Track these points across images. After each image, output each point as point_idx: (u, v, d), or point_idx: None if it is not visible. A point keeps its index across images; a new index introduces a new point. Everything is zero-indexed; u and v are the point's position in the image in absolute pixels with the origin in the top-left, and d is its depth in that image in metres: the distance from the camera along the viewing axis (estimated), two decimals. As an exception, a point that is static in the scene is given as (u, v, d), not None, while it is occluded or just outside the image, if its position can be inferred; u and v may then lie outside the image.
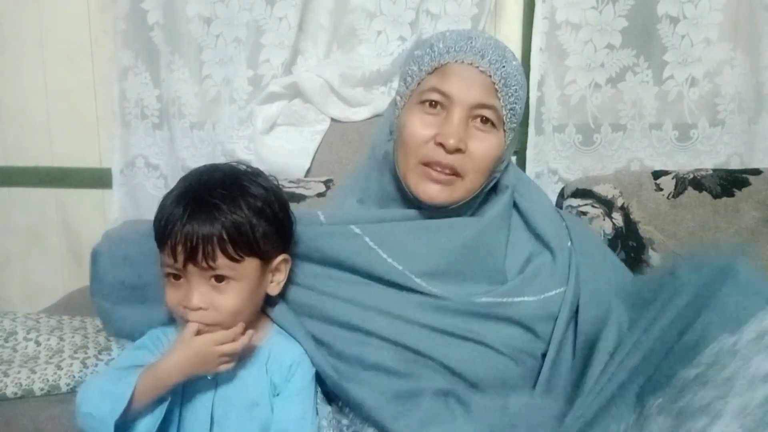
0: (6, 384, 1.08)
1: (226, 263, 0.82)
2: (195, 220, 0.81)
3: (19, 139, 1.72)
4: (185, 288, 0.83)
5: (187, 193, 0.85)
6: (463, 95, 0.89)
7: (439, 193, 0.92)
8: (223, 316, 0.83)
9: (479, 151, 0.90)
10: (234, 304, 0.83)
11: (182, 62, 1.54)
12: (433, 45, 0.93)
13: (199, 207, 0.82)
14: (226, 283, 0.83)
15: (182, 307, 0.83)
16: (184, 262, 0.81)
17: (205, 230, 0.81)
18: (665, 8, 1.39)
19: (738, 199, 1.23)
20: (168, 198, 0.86)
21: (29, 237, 1.77)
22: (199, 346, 0.81)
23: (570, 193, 1.30)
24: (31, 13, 1.65)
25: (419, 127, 0.91)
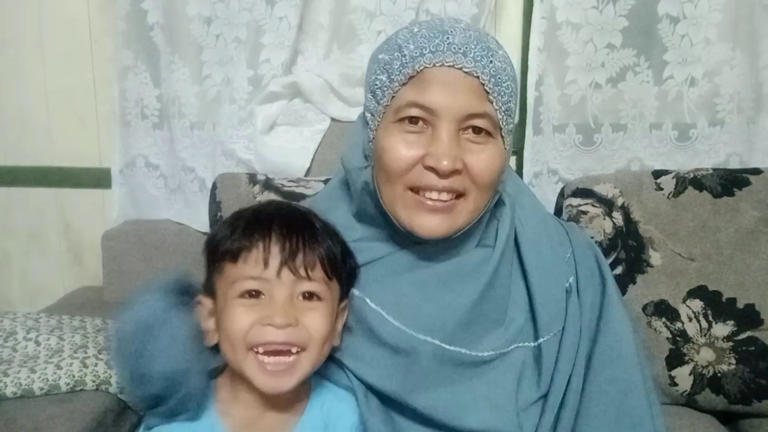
0: (6, 384, 1.08)
1: (321, 277, 0.73)
2: (288, 227, 0.73)
3: (19, 139, 1.72)
4: (266, 305, 0.71)
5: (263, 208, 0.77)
6: (449, 106, 0.74)
7: (439, 225, 0.77)
8: (312, 337, 0.72)
9: (480, 165, 0.76)
10: (323, 325, 0.73)
11: (182, 62, 1.54)
12: (402, 47, 0.76)
13: (288, 216, 0.75)
14: (316, 302, 0.74)
15: (260, 326, 0.70)
16: (278, 268, 0.71)
17: (305, 238, 0.73)
18: (665, 8, 1.39)
19: (738, 198, 1.22)
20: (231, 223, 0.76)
21: (29, 237, 1.77)
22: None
23: (570, 192, 1.30)
24: (31, 13, 1.65)
25: (401, 150, 0.76)
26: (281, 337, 0.70)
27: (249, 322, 0.71)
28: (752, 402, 1.16)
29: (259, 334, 0.70)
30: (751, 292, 1.19)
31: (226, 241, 0.74)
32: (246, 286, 0.72)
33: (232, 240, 0.73)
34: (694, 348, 1.18)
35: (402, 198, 0.78)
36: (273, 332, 0.70)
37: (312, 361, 0.73)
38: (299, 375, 0.72)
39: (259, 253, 0.71)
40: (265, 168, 1.46)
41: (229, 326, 0.72)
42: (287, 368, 0.71)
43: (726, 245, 1.21)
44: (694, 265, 1.21)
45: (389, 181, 0.78)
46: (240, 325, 0.71)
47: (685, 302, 1.20)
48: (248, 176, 1.34)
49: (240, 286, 0.72)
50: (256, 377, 0.71)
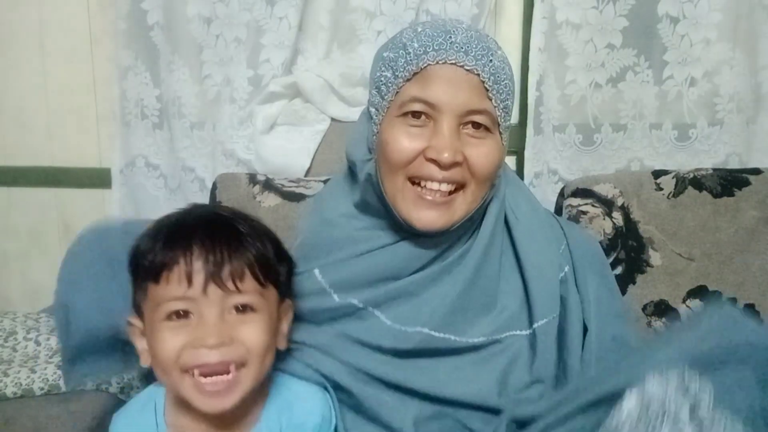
0: (6, 384, 1.08)
1: (253, 287, 0.69)
2: (210, 238, 0.68)
3: (19, 139, 1.72)
4: (196, 326, 0.66)
5: (184, 218, 0.72)
6: (451, 102, 0.78)
7: (438, 219, 0.80)
8: (251, 351, 0.68)
9: (479, 158, 0.80)
10: (261, 337, 0.69)
11: (182, 62, 1.54)
12: (407, 45, 0.79)
13: (209, 224, 0.70)
14: (250, 313, 0.69)
15: (192, 349, 0.66)
16: (204, 284, 0.66)
17: (231, 247, 0.68)
18: (665, 8, 1.39)
19: (738, 198, 1.23)
20: (151, 234, 0.70)
21: (29, 237, 1.77)
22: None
23: (570, 192, 1.30)
24: (31, 13, 1.65)
25: (404, 142, 0.79)
26: (216, 357, 0.66)
27: (179, 345, 0.66)
28: (752, 402, 1.16)
29: (192, 357, 0.66)
30: (751, 292, 1.19)
31: (147, 255, 0.69)
32: (171, 308, 0.67)
33: (153, 255, 0.68)
34: (694, 348, 1.18)
35: (402, 190, 0.81)
36: (206, 353, 0.66)
37: (253, 375, 0.69)
38: (240, 392, 0.69)
39: (181, 270, 0.66)
40: (265, 168, 1.46)
41: (159, 352, 0.67)
42: (227, 387, 0.67)
43: (726, 245, 1.21)
44: (694, 265, 1.21)
45: (391, 173, 0.81)
46: (169, 350, 0.66)
47: (685, 302, 1.20)
48: (248, 176, 1.34)
49: (165, 308, 0.67)
50: (195, 399, 0.68)
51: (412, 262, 0.85)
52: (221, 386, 0.67)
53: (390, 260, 0.85)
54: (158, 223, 0.73)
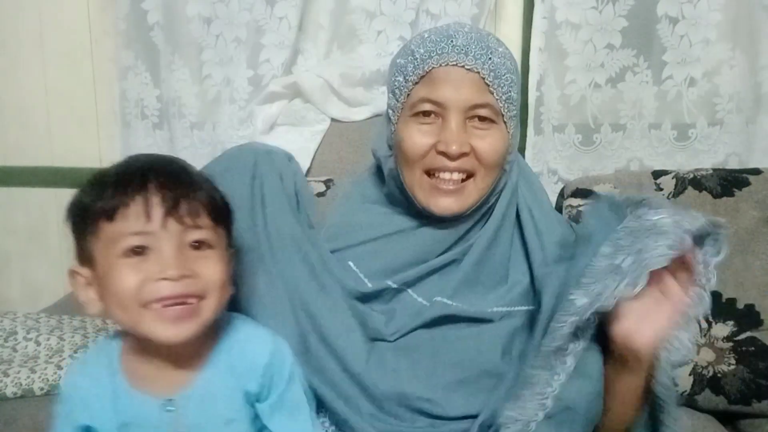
0: (6, 383, 1.08)
1: (208, 225, 0.71)
2: (165, 175, 0.69)
3: (19, 139, 1.72)
4: (155, 261, 0.67)
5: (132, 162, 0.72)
6: (455, 99, 0.86)
7: (453, 204, 0.89)
8: (209, 285, 0.70)
9: (484, 148, 0.87)
10: (219, 272, 0.71)
11: (182, 62, 1.55)
12: (414, 51, 0.88)
13: (162, 165, 0.71)
14: (207, 250, 0.70)
15: (152, 282, 0.66)
16: (163, 219, 0.67)
17: (185, 183, 0.70)
18: (665, 8, 1.39)
19: (738, 198, 1.22)
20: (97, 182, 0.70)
21: (29, 237, 1.77)
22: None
23: (570, 192, 1.30)
24: (31, 13, 1.65)
25: (417, 138, 0.88)
26: (178, 289, 0.67)
27: (139, 279, 0.66)
28: (752, 402, 1.16)
29: (153, 290, 0.66)
30: (751, 292, 1.19)
31: (96, 201, 0.68)
32: (129, 243, 0.67)
33: (104, 199, 0.67)
34: (694, 348, 1.18)
35: (420, 182, 0.90)
36: (168, 286, 0.66)
37: (213, 307, 0.70)
38: (200, 322, 0.69)
39: (138, 206, 0.66)
40: (265, 168, 1.46)
41: (117, 287, 0.67)
42: (188, 314, 0.68)
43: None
44: (693, 265, 1.21)
45: (408, 167, 0.90)
46: (129, 285, 0.66)
47: (685, 302, 1.20)
48: (248, 176, 1.34)
49: (122, 244, 0.67)
50: (156, 329, 0.67)
51: (437, 245, 0.93)
52: (182, 313, 0.68)
53: (417, 244, 0.93)
54: (98, 174, 0.72)
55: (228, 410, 0.74)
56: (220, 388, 0.74)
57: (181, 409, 0.72)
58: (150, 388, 0.72)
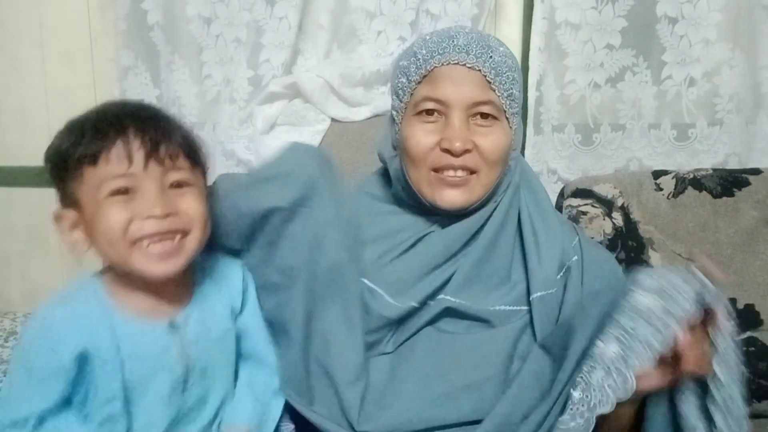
0: (6, 383, 1.08)
1: (186, 165, 0.75)
2: (142, 119, 0.73)
3: (19, 138, 1.72)
4: (139, 200, 0.71)
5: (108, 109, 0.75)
6: (457, 97, 0.87)
7: (458, 196, 0.89)
8: (193, 220, 0.75)
9: (487, 145, 0.88)
10: (200, 208, 0.76)
11: (182, 62, 1.55)
12: (416, 52, 0.90)
13: (139, 110, 0.75)
14: (186, 188, 0.75)
15: (139, 220, 0.71)
16: (144, 161, 0.71)
17: (163, 126, 0.74)
18: (664, 8, 1.39)
19: (738, 198, 1.23)
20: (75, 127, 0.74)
21: (29, 237, 1.77)
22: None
23: (570, 192, 1.30)
24: (31, 13, 1.65)
25: (421, 137, 0.89)
26: (164, 226, 0.72)
27: (126, 217, 0.71)
28: (752, 402, 1.16)
29: (140, 228, 0.71)
30: (751, 292, 1.19)
31: (77, 147, 0.72)
32: (114, 185, 0.71)
33: (85, 144, 0.71)
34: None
35: (426, 178, 0.90)
36: (155, 223, 0.71)
37: (197, 241, 0.75)
38: (186, 256, 0.75)
39: (119, 150, 0.71)
40: (265, 168, 1.46)
41: (106, 226, 0.71)
42: (174, 250, 0.73)
43: (726, 245, 1.21)
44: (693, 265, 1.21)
45: (414, 165, 0.91)
46: (117, 223, 0.71)
47: (685, 302, 1.20)
48: (248, 176, 1.34)
49: (107, 186, 0.71)
50: (145, 266, 0.72)
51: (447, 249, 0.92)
52: (169, 248, 0.73)
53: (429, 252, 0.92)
54: (75, 121, 0.76)
55: (221, 324, 0.82)
56: (212, 304, 0.81)
57: (183, 328, 0.78)
58: (149, 315, 0.77)
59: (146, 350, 0.76)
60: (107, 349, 0.74)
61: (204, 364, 0.80)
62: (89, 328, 0.74)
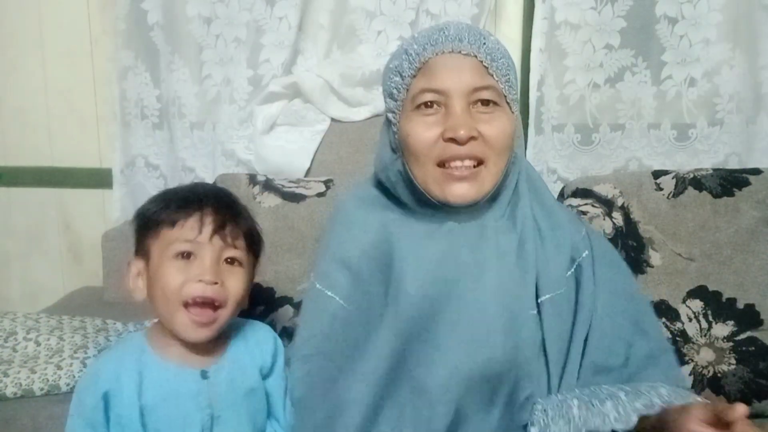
0: (6, 384, 1.08)
1: (242, 245, 0.88)
2: (219, 201, 0.88)
3: (19, 139, 1.72)
4: (197, 266, 0.84)
5: (195, 187, 0.91)
6: (456, 84, 0.84)
7: (468, 190, 0.86)
8: (232, 297, 0.86)
9: (492, 131, 0.85)
10: (241, 287, 0.87)
11: (182, 62, 1.55)
12: (407, 50, 0.88)
13: (218, 194, 0.90)
14: (237, 266, 0.87)
15: (193, 282, 0.83)
16: (211, 233, 0.84)
17: (234, 212, 0.88)
18: (664, 9, 1.39)
19: (738, 198, 1.23)
20: (164, 198, 0.89)
21: (29, 237, 1.77)
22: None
23: (570, 192, 1.30)
24: (31, 13, 1.65)
25: (423, 130, 0.86)
26: (209, 292, 0.83)
27: (181, 280, 0.83)
28: (752, 402, 1.16)
29: (191, 289, 0.83)
30: (751, 292, 1.19)
31: (163, 212, 0.86)
32: (181, 248, 0.84)
33: (169, 211, 0.86)
34: (694, 348, 1.18)
35: (432, 175, 0.87)
36: (203, 287, 0.83)
37: (227, 316, 0.87)
38: (217, 327, 0.86)
39: (195, 221, 0.85)
40: (265, 168, 1.47)
41: (165, 283, 0.84)
42: (210, 321, 0.85)
43: (726, 245, 1.21)
44: (694, 265, 1.21)
45: (418, 162, 0.87)
46: (175, 282, 0.83)
47: (685, 302, 1.20)
48: (248, 177, 1.34)
49: (176, 247, 0.84)
50: (184, 330, 0.84)
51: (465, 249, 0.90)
52: (206, 319, 0.84)
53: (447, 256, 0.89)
54: (167, 192, 0.91)
55: (250, 381, 0.90)
56: (244, 362, 0.91)
57: (214, 378, 0.87)
58: (183, 362, 0.87)
59: (175, 394, 0.85)
60: (127, 395, 0.83)
61: (229, 416, 0.88)
62: (116, 372, 0.84)
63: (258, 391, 0.91)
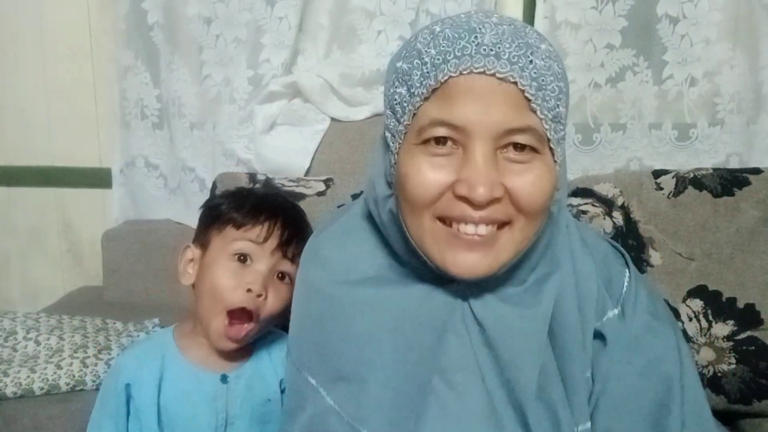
0: (6, 383, 1.08)
1: (296, 267, 0.86)
2: (290, 222, 0.88)
3: (19, 139, 1.72)
4: (250, 272, 0.84)
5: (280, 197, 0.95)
6: (483, 122, 0.61)
7: (480, 262, 0.64)
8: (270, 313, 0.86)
9: (525, 189, 0.63)
10: (281, 305, 0.87)
11: (182, 62, 1.55)
12: (422, 52, 0.63)
13: (293, 214, 0.91)
14: (287, 282, 0.87)
15: (242, 289, 0.83)
16: (274, 246, 0.85)
17: (298, 231, 0.88)
18: (665, 8, 1.39)
19: (738, 198, 1.22)
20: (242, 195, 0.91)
21: (29, 237, 1.78)
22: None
23: (570, 192, 1.30)
24: (31, 13, 1.65)
25: (428, 174, 0.63)
26: (251, 304, 0.83)
27: (233, 284, 0.83)
28: (752, 402, 1.16)
29: (238, 297, 0.83)
30: (751, 292, 1.19)
31: (233, 210, 0.86)
32: (242, 248, 0.84)
33: (241, 212, 0.86)
34: (694, 348, 1.18)
35: (431, 231, 0.65)
36: (248, 298, 0.83)
37: (258, 330, 0.87)
38: (245, 341, 0.87)
39: (263, 229, 0.85)
40: (265, 168, 1.46)
41: (217, 282, 0.84)
42: (241, 336, 0.85)
43: (726, 245, 1.21)
44: (694, 264, 1.21)
45: (414, 213, 0.66)
46: (227, 284, 0.83)
47: (685, 302, 1.20)
48: (248, 176, 1.34)
49: (236, 245, 0.84)
50: (216, 336, 0.85)
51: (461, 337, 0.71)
52: (237, 334, 0.84)
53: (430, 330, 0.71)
54: (242, 191, 0.93)
55: (268, 391, 0.90)
56: (264, 372, 0.90)
57: (233, 384, 0.88)
58: (205, 364, 0.87)
59: (193, 395, 0.85)
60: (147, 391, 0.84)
61: (242, 423, 0.88)
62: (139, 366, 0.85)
63: (274, 403, 0.90)
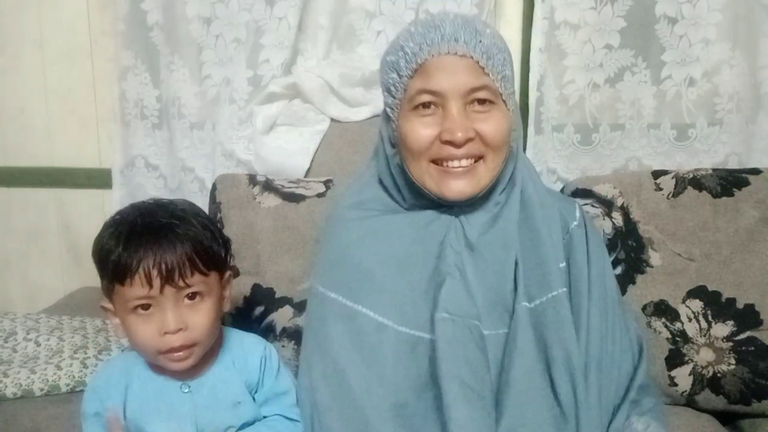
0: (6, 384, 1.08)
1: (199, 279, 0.87)
2: (159, 245, 0.84)
3: (19, 139, 1.72)
4: (158, 316, 0.85)
5: (134, 225, 0.86)
6: (452, 87, 0.88)
7: (466, 186, 0.90)
8: (201, 334, 0.87)
9: (489, 130, 0.89)
10: (208, 321, 0.88)
11: (182, 62, 1.55)
12: (404, 46, 0.90)
13: (156, 233, 0.85)
14: (198, 300, 0.87)
15: (160, 336, 0.85)
16: (161, 286, 0.83)
17: (177, 251, 0.85)
18: (663, 8, 1.39)
19: (738, 198, 1.22)
20: (111, 237, 0.87)
21: (29, 237, 1.78)
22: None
23: (570, 192, 1.30)
24: (31, 13, 1.65)
25: (420, 131, 0.90)
26: (178, 341, 0.85)
27: (150, 333, 0.85)
28: (752, 402, 1.16)
29: (159, 344, 0.85)
30: (750, 292, 1.19)
31: (110, 256, 0.85)
32: (138, 303, 0.85)
33: (116, 258, 0.84)
34: (694, 348, 1.18)
35: (428, 172, 0.91)
36: (170, 339, 0.85)
37: (205, 347, 0.89)
38: (196, 358, 0.89)
39: (141, 276, 0.83)
40: (265, 168, 1.47)
41: (134, 338, 0.87)
42: (187, 356, 0.87)
43: (726, 245, 1.21)
44: (693, 265, 1.21)
45: (414, 160, 0.92)
46: (142, 337, 0.86)
47: (685, 302, 1.20)
48: (248, 177, 1.34)
49: (131, 303, 0.85)
50: (167, 365, 0.88)
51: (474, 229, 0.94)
52: (182, 357, 0.87)
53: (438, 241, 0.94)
54: (115, 223, 0.89)
55: (234, 395, 0.92)
56: (226, 377, 0.93)
57: (195, 392, 0.91)
58: (170, 375, 0.91)
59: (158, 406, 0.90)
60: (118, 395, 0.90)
61: (216, 427, 0.91)
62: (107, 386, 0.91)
63: (245, 404, 0.93)
